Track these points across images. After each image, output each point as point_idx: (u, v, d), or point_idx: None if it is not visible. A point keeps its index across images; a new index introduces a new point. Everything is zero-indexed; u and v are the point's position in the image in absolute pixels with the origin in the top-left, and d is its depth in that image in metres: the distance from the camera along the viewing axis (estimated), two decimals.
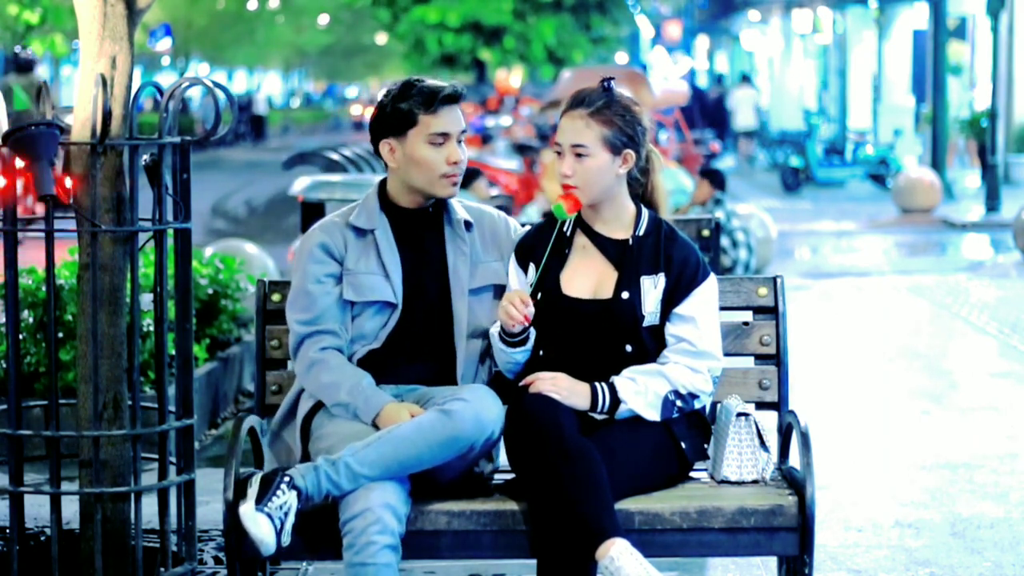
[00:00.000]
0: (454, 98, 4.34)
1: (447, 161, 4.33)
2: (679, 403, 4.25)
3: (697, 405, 4.32)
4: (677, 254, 4.33)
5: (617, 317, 4.27)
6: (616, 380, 4.22)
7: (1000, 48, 21.35)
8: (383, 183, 4.46)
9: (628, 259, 4.32)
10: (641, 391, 4.22)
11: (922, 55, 29.49)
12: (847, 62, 35.49)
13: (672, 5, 57.91)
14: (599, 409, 4.21)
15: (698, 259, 4.36)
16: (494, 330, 4.31)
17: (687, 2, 58.17)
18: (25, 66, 16.69)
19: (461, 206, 4.48)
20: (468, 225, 4.44)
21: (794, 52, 42.74)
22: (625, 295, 4.28)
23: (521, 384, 4.23)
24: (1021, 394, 8.50)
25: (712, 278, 4.38)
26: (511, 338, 4.25)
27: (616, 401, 4.21)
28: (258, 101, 50.82)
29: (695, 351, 4.29)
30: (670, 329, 4.31)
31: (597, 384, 4.21)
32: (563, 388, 4.18)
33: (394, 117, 4.35)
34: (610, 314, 4.27)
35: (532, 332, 4.27)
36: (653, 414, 4.23)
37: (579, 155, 4.28)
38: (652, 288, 4.29)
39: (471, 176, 13.73)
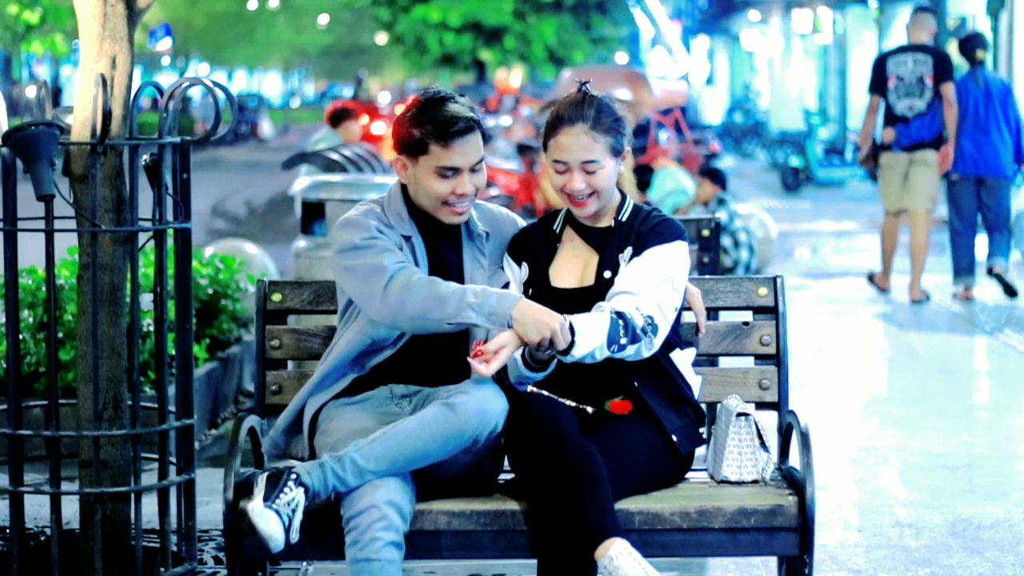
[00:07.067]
0: (470, 129, 4.26)
1: (453, 192, 4.29)
2: (621, 321, 4.10)
3: (639, 327, 4.12)
4: (646, 227, 4.31)
5: (600, 298, 4.25)
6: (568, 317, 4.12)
7: (1000, 48, 21.34)
8: (404, 188, 4.40)
9: (609, 243, 4.34)
10: (590, 317, 4.11)
11: None
12: (847, 62, 35.48)
13: (672, 5, 57.88)
14: (562, 345, 4.06)
15: (668, 228, 4.30)
16: (517, 354, 4.19)
17: (687, 2, 58.16)
18: None
19: (478, 215, 4.45)
20: (487, 236, 4.44)
21: (794, 52, 42.72)
22: (607, 274, 4.29)
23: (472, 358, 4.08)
24: (1021, 394, 8.50)
25: (679, 243, 4.30)
26: (538, 364, 4.19)
27: (571, 329, 4.06)
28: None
29: (628, 294, 4.19)
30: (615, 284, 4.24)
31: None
32: (513, 342, 4.05)
33: (408, 139, 4.30)
34: (593, 297, 4.26)
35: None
36: (600, 335, 4.07)
37: (589, 171, 4.28)
38: (625, 263, 4.28)
39: (343, 116, 13.67)
